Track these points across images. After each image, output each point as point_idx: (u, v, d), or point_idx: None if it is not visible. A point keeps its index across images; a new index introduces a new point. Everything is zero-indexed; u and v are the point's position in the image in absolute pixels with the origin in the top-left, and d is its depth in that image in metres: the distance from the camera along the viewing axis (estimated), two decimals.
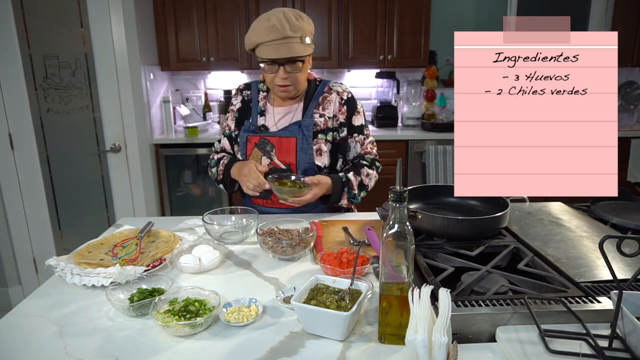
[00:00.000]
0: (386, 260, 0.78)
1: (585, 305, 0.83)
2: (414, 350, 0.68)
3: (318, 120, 1.55)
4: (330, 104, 1.57)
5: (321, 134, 1.55)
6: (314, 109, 1.56)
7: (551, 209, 1.38)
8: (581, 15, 3.65)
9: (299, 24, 1.40)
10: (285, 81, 1.45)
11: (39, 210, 2.87)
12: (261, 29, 1.39)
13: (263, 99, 1.61)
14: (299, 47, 1.40)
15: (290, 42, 1.38)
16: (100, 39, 2.80)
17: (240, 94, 1.67)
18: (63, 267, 1.07)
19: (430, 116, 3.52)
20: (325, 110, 1.57)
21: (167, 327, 0.83)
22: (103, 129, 2.93)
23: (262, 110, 1.60)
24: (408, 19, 3.29)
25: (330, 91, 1.59)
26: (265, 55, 1.40)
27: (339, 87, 1.61)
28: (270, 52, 1.39)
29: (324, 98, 1.58)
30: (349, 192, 1.51)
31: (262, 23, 1.40)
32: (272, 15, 1.40)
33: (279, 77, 1.44)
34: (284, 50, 1.38)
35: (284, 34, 1.37)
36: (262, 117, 1.59)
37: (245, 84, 1.68)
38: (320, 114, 1.56)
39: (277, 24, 1.37)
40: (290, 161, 1.53)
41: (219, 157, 1.66)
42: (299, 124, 1.54)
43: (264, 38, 1.39)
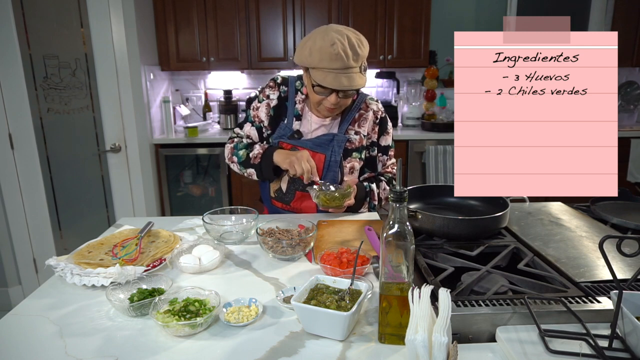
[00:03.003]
0: (386, 260, 0.78)
1: (585, 305, 0.83)
2: (414, 350, 0.68)
3: (353, 138, 1.53)
4: (366, 122, 1.56)
5: (355, 152, 1.54)
6: (349, 125, 1.54)
7: (551, 209, 1.38)
8: (581, 15, 3.65)
9: (361, 53, 1.33)
10: (334, 106, 1.42)
11: (39, 210, 2.87)
12: (324, 55, 1.30)
13: (301, 102, 1.55)
14: (358, 78, 1.34)
15: (352, 72, 1.32)
16: (100, 39, 2.80)
17: (277, 88, 1.57)
18: (63, 267, 1.07)
19: (430, 116, 3.52)
20: (361, 127, 1.55)
21: (167, 327, 0.82)
22: (103, 129, 2.93)
23: (300, 114, 1.54)
24: (408, 18, 3.29)
25: (367, 109, 1.57)
26: (324, 83, 1.33)
27: (375, 105, 1.60)
28: (330, 82, 1.31)
29: (360, 115, 1.56)
30: (369, 202, 1.53)
31: (326, 48, 1.29)
32: (336, 40, 1.29)
33: (329, 101, 1.39)
34: (345, 82, 1.31)
35: (347, 65, 1.30)
36: (299, 121, 1.54)
37: (283, 77, 1.58)
38: (355, 131, 1.54)
39: (342, 53, 1.29)
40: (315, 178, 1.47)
41: (248, 141, 1.58)
42: (332, 136, 1.51)
43: (325, 65, 1.30)
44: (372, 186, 1.52)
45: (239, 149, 1.57)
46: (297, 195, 1.55)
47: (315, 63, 1.32)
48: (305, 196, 1.54)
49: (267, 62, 3.35)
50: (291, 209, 1.59)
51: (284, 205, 1.59)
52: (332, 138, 1.51)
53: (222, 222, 1.36)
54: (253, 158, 1.52)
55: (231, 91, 3.54)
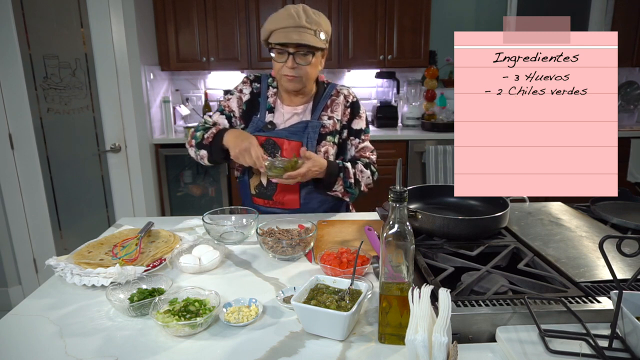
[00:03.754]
0: (386, 260, 0.78)
1: (585, 305, 0.83)
2: (414, 350, 0.68)
3: (327, 123, 1.55)
4: (339, 106, 1.58)
5: (330, 136, 1.55)
6: (322, 111, 1.56)
7: (551, 209, 1.38)
8: (581, 15, 3.65)
9: (316, 18, 1.42)
10: (292, 71, 1.44)
11: (39, 210, 2.87)
12: (277, 16, 1.41)
13: (273, 96, 1.59)
14: (311, 37, 1.39)
15: (304, 31, 1.39)
16: (100, 39, 2.80)
17: (250, 84, 1.62)
18: (63, 267, 1.07)
19: (430, 116, 3.52)
20: (334, 112, 1.57)
21: (167, 327, 0.83)
22: (103, 129, 2.93)
23: (272, 107, 1.58)
24: (408, 18, 3.29)
25: (338, 94, 1.59)
26: (276, 40, 1.39)
27: (346, 90, 1.62)
28: (281, 37, 1.38)
29: (332, 101, 1.58)
30: (344, 180, 1.49)
31: (280, 12, 1.42)
32: (291, 6, 1.42)
33: (287, 66, 1.43)
34: (295, 36, 1.37)
35: (299, 23, 1.38)
36: (271, 114, 1.57)
37: (255, 75, 1.64)
38: (329, 116, 1.56)
39: (293, 13, 1.39)
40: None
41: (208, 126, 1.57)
42: (306, 124, 1.53)
43: (278, 24, 1.39)
44: (347, 164, 1.50)
45: (198, 131, 1.56)
46: (279, 187, 1.54)
47: (271, 26, 1.42)
48: (286, 187, 1.52)
49: (267, 62, 3.35)
50: (274, 205, 1.56)
51: (267, 202, 1.57)
52: (307, 125, 1.53)
53: (222, 222, 1.36)
54: (205, 138, 1.51)
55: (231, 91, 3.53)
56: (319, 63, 1.51)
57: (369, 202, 1.65)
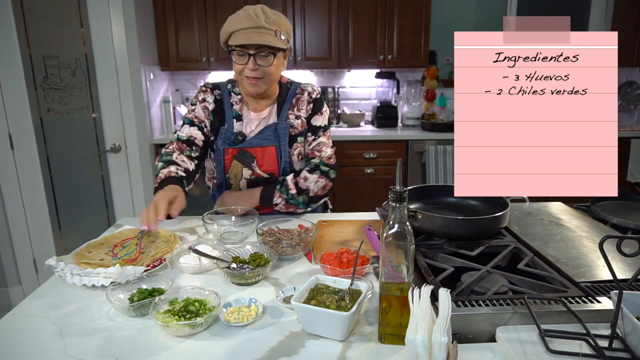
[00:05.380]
0: (386, 260, 0.78)
1: (585, 305, 0.83)
2: (414, 350, 0.68)
3: (295, 123, 1.53)
4: (304, 104, 1.55)
5: (300, 137, 1.53)
6: (289, 111, 1.54)
7: (551, 209, 1.38)
8: (581, 15, 3.65)
9: (275, 18, 1.39)
10: (254, 72, 1.40)
11: (39, 210, 2.87)
12: (236, 17, 1.39)
13: (238, 102, 1.55)
14: (271, 38, 1.37)
15: (264, 32, 1.36)
16: (100, 39, 2.80)
17: (211, 92, 1.56)
18: (63, 267, 1.07)
19: (430, 116, 3.52)
20: (300, 110, 1.54)
21: (167, 327, 0.83)
22: (103, 129, 2.93)
23: (239, 115, 1.54)
24: (408, 18, 3.29)
25: (302, 92, 1.56)
26: (236, 42, 1.36)
27: (310, 87, 1.58)
28: (241, 39, 1.35)
29: (297, 99, 1.55)
30: (286, 194, 1.45)
31: (238, 13, 1.40)
32: (249, 7, 1.39)
33: (248, 68, 1.40)
34: (255, 37, 1.35)
35: (258, 24, 1.35)
36: (240, 122, 1.54)
37: (213, 83, 1.60)
38: (296, 116, 1.53)
39: (252, 14, 1.36)
40: (273, 170, 1.51)
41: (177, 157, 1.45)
42: (274, 127, 1.50)
43: (238, 26, 1.37)
44: (287, 178, 1.46)
45: (163, 158, 1.46)
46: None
47: (230, 27, 1.39)
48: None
49: None
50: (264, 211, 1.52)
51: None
52: (275, 127, 1.50)
53: (222, 222, 1.36)
54: (157, 177, 1.41)
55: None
56: (281, 64, 1.47)
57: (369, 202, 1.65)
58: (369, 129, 3.52)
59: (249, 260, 1.09)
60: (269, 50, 1.38)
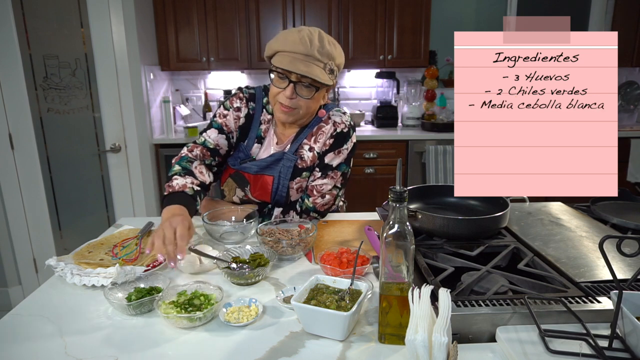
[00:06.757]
0: (386, 260, 0.78)
1: (585, 305, 0.83)
2: (414, 350, 0.68)
3: (305, 155, 1.40)
4: (323, 135, 1.39)
5: (306, 172, 1.41)
6: (304, 140, 1.40)
7: (551, 209, 1.38)
8: (581, 15, 3.65)
9: (329, 50, 1.25)
10: (289, 102, 1.28)
11: (39, 210, 2.87)
12: (287, 37, 1.25)
13: (267, 123, 1.43)
14: (319, 71, 1.24)
15: (312, 62, 1.23)
16: (100, 39, 2.80)
17: (246, 104, 1.44)
18: (63, 267, 1.07)
19: (430, 116, 3.53)
20: (317, 142, 1.39)
21: (167, 317, 0.84)
22: (103, 129, 2.93)
23: (262, 137, 1.43)
24: (408, 18, 3.29)
25: (328, 121, 1.40)
26: (280, 64, 1.24)
27: (339, 117, 1.41)
28: (285, 63, 1.23)
29: (319, 128, 1.40)
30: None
31: (292, 32, 1.25)
32: (305, 29, 1.26)
33: (284, 94, 1.27)
34: (301, 66, 1.22)
35: (309, 52, 1.22)
36: (259, 144, 1.44)
37: (250, 93, 1.45)
38: (310, 147, 1.40)
39: (306, 39, 1.23)
40: (264, 199, 1.45)
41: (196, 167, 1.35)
42: (281, 155, 1.39)
43: (287, 47, 1.23)
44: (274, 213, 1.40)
45: (178, 163, 1.37)
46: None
47: (278, 46, 1.26)
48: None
49: None
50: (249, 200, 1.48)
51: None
52: (281, 157, 1.40)
53: (222, 222, 1.36)
54: (167, 186, 1.31)
55: (231, 91, 3.53)
56: (322, 97, 1.35)
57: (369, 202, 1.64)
58: (369, 129, 3.53)
59: (249, 260, 1.09)
60: (312, 81, 1.26)
